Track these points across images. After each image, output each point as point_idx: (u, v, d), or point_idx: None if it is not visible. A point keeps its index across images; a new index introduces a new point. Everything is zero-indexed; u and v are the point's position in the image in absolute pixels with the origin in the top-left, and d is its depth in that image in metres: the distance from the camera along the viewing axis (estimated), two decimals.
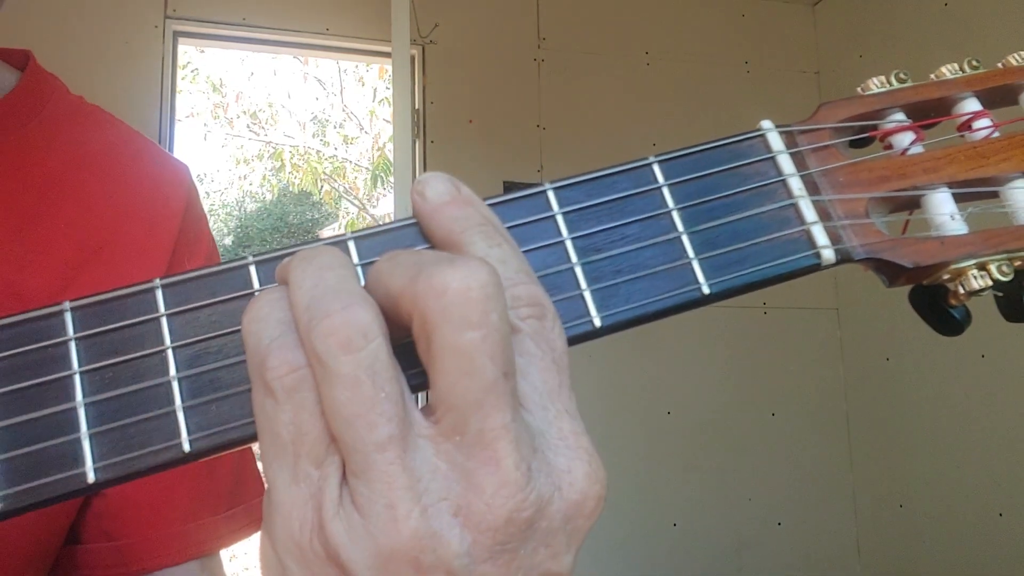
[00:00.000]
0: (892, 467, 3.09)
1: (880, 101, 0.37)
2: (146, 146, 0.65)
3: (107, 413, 0.29)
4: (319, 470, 0.25)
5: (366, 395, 0.24)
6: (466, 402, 0.25)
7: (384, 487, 0.24)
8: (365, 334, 0.25)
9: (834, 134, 0.36)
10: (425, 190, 0.30)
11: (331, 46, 3.32)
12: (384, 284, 0.27)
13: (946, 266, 0.34)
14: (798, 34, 3.59)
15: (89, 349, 0.29)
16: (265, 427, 0.26)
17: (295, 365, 0.25)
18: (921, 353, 2.93)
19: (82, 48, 2.87)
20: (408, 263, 0.27)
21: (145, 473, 0.29)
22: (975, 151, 0.35)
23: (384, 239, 0.31)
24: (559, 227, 0.32)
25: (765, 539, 3.16)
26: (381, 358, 0.25)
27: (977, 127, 0.36)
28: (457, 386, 0.25)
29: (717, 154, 0.34)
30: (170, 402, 0.29)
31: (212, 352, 0.30)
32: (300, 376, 0.25)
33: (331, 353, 0.24)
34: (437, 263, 0.26)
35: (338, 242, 0.31)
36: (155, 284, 0.30)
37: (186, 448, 0.29)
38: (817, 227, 0.34)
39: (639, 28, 3.43)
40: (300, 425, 0.25)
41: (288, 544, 0.25)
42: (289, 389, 0.25)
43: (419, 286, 0.25)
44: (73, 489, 0.28)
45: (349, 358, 0.24)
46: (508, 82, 3.27)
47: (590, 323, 0.31)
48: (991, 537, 2.63)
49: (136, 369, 0.29)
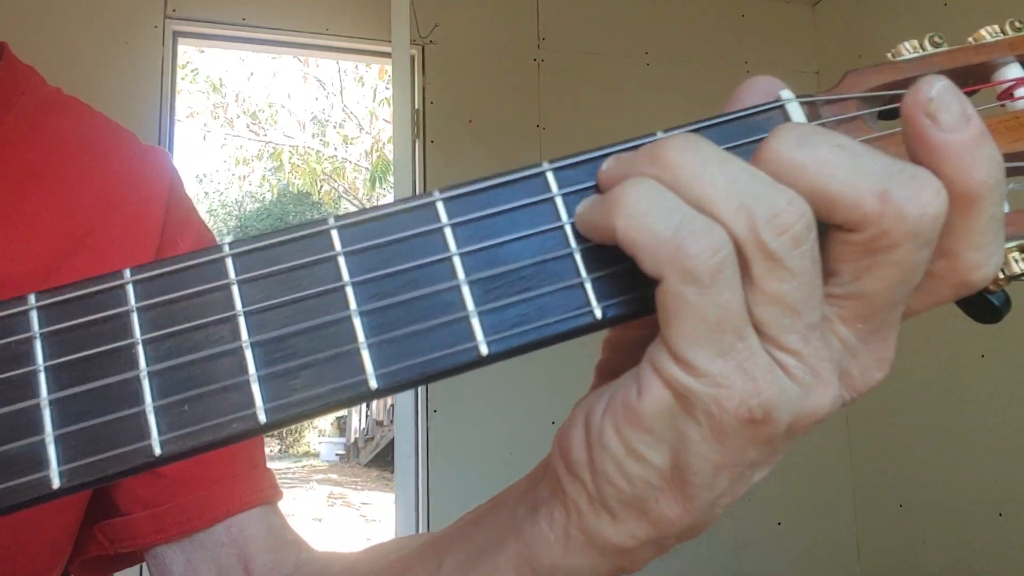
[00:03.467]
0: (892, 467, 3.09)
1: (913, 68, 0.34)
2: (125, 135, 0.65)
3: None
4: (743, 342, 0.27)
5: (810, 283, 0.27)
6: (890, 302, 0.28)
7: (817, 362, 0.27)
8: (809, 227, 0.26)
9: (862, 104, 0.33)
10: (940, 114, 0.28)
11: (331, 46, 3.32)
12: (813, 182, 0.27)
13: None
14: (798, 34, 3.59)
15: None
16: (685, 311, 0.26)
17: (718, 246, 0.26)
18: (921, 353, 2.93)
19: (82, 48, 2.87)
20: (859, 170, 0.27)
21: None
22: (1018, 121, 0.33)
23: None
24: (558, 211, 0.30)
25: (765, 539, 3.16)
26: (816, 251, 0.27)
27: (1019, 95, 0.34)
28: (893, 292, 0.27)
29: (733, 128, 0.32)
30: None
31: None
32: (724, 256, 0.26)
33: (784, 247, 0.26)
34: (910, 181, 0.26)
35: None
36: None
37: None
38: None
39: (639, 28, 3.43)
40: (726, 304, 0.26)
41: (711, 408, 0.27)
42: (715, 271, 0.26)
43: (891, 205, 0.26)
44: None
45: (799, 251, 0.26)
46: (508, 82, 3.26)
47: (591, 314, 0.29)
48: (991, 537, 2.62)
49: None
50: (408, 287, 0.29)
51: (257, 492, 0.60)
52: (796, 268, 0.26)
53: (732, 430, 0.27)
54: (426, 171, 3.09)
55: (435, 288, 0.29)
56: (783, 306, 0.26)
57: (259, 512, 0.60)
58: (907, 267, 0.27)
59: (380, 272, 0.29)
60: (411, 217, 0.30)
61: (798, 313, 0.27)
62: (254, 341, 0.28)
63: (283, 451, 17.46)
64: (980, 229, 0.28)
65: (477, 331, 0.28)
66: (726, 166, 0.27)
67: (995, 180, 0.28)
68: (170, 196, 0.63)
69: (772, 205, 0.26)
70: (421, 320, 0.29)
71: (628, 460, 0.29)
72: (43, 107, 0.61)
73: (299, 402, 0.28)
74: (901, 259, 0.27)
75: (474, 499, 0.39)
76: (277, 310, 0.29)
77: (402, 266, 0.29)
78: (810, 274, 0.26)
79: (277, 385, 0.28)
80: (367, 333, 0.28)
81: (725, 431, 0.27)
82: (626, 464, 0.29)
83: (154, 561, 0.60)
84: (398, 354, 0.28)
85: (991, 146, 0.28)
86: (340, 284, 0.29)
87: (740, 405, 0.27)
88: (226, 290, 0.29)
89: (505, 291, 0.29)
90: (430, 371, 0.28)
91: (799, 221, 0.26)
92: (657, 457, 0.28)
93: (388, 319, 0.28)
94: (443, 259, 0.29)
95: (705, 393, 0.27)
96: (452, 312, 0.29)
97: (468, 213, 0.30)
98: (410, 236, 0.29)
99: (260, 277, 0.29)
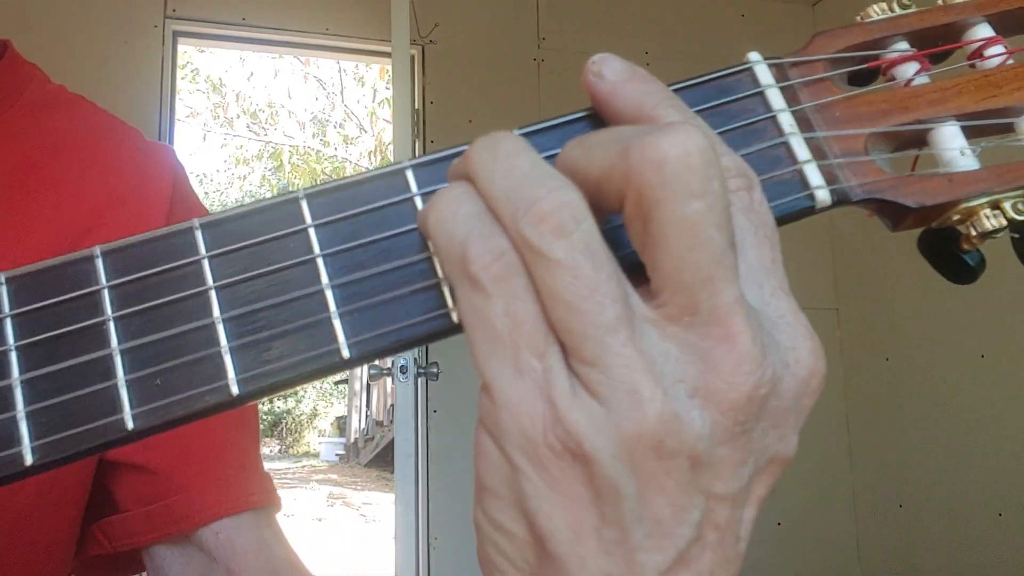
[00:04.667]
0: (892, 467, 3.09)
1: (881, 28, 0.33)
2: (128, 132, 0.65)
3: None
4: (541, 361, 0.24)
5: (588, 276, 0.23)
6: (696, 278, 0.24)
7: (624, 371, 0.23)
8: (575, 216, 0.24)
9: (830, 66, 0.33)
10: (603, 69, 0.28)
11: (331, 46, 3.32)
12: (582, 169, 0.25)
13: (955, 205, 0.31)
14: (798, 34, 3.59)
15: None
16: (476, 324, 0.25)
17: (499, 251, 0.24)
18: (921, 353, 2.93)
19: (82, 48, 2.87)
20: (608, 141, 0.25)
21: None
22: (987, 80, 0.32)
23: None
24: None
25: (765, 539, 3.16)
26: (595, 237, 0.24)
27: (989, 54, 0.33)
28: (686, 262, 0.24)
29: (702, 91, 0.32)
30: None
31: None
32: (507, 262, 0.24)
33: (545, 239, 0.23)
34: (647, 133, 0.24)
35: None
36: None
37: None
38: (811, 166, 0.30)
39: (639, 28, 3.43)
40: (515, 314, 0.24)
41: (519, 441, 0.24)
42: (497, 277, 0.24)
43: (632, 160, 0.24)
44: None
45: (564, 242, 0.23)
46: (508, 82, 3.27)
47: None
48: (991, 537, 2.62)
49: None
50: (379, 257, 0.29)
51: (247, 495, 0.59)
52: (565, 260, 0.23)
53: (557, 471, 0.23)
54: None
55: (406, 259, 0.29)
56: (564, 306, 0.23)
57: (250, 520, 0.59)
58: (686, 225, 0.23)
59: (351, 244, 0.29)
60: (381, 186, 0.30)
61: (583, 313, 0.23)
62: (225, 316, 0.28)
63: (283, 451, 17.48)
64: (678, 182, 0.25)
65: (448, 299, 0.28)
66: (511, 162, 0.25)
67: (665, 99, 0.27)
68: (174, 192, 0.63)
69: (531, 196, 0.24)
70: (392, 289, 0.29)
71: (497, 536, 0.25)
72: (46, 104, 0.61)
73: (271, 372, 0.28)
74: (672, 216, 0.23)
75: None
76: (248, 283, 0.29)
77: (373, 237, 0.29)
78: (585, 267, 0.23)
79: (249, 356, 0.28)
80: (338, 303, 0.28)
81: (550, 473, 0.24)
82: (500, 543, 0.25)
83: (151, 564, 0.60)
84: (370, 323, 0.28)
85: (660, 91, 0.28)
86: (312, 256, 0.29)
87: (546, 436, 0.23)
88: (196, 264, 0.29)
89: None
90: (403, 339, 0.28)
91: (560, 209, 0.24)
92: (516, 526, 0.25)
93: (360, 289, 0.29)
94: (413, 229, 0.29)
95: (509, 425, 0.24)
96: (423, 280, 0.29)
97: (439, 183, 0.30)
98: (381, 207, 0.30)
99: (230, 251, 0.29)
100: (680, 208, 0.23)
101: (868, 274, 3.20)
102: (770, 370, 0.24)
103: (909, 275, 2.85)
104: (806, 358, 0.25)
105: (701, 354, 0.24)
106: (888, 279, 3.06)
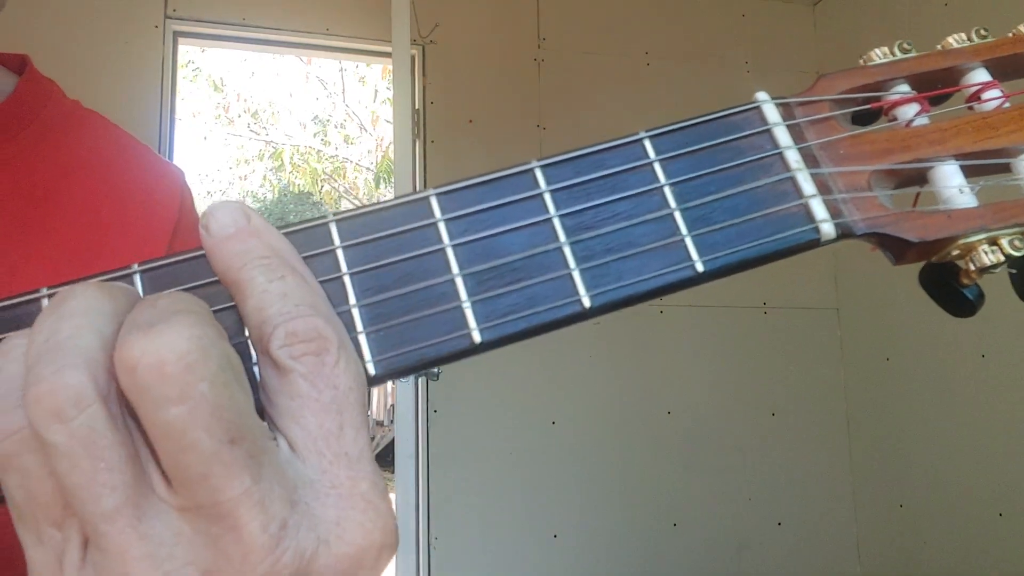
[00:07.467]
0: (892, 467, 3.09)
1: (883, 72, 0.35)
2: (140, 153, 0.66)
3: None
4: (61, 532, 0.24)
5: (84, 467, 0.23)
6: (190, 477, 0.23)
7: (118, 557, 0.23)
8: (76, 402, 0.23)
9: (834, 106, 0.34)
10: (209, 223, 0.28)
11: (331, 46, 3.32)
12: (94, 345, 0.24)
13: (954, 241, 0.32)
14: (798, 34, 3.59)
15: None
16: (4, 492, 0.25)
17: (10, 430, 0.24)
18: (921, 353, 2.93)
19: (82, 49, 2.87)
20: (129, 322, 0.24)
21: None
22: (984, 122, 0.34)
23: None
24: (547, 205, 0.31)
25: (765, 539, 3.16)
26: (98, 426, 0.23)
27: (987, 98, 0.34)
28: (177, 462, 0.23)
29: (710, 127, 0.33)
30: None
31: None
32: (18, 440, 0.24)
33: (42, 423, 0.23)
34: (133, 331, 0.24)
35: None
36: None
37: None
38: (816, 200, 0.32)
39: (639, 28, 3.43)
40: (29, 490, 0.24)
41: None
42: (8, 455, 0.24)
43: (114, 357, 0.23)
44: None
45: (61, 427, 0.23)
46: (508, 82, 3.27)
47: (579, 303, 0.30)
48: (991, 537, 2.62)
49: None
50: (404, 280, 0.30)
51: None
52: (62, 447, 0.23)
53: None
54: (426, 171, 3.10)
55: (431, 281, 0.30)
56: (67, 489, 0.23)
57: None
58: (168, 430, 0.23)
59: (376, 264, 0.30)
60: (406, 212, 0.31)
61: (81, 500, 0.23)
62: None
63: None
64: None
65: (470, 319, 0.30)
66: (56, 326, 0.24)
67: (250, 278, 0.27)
68: (179, 218, 0.64)
69: (39, 374, 0.23)
70: (416, 310, 0.30)
71: None
72: (63, 124, 0.63)
73: None
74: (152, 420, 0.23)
75: (474, 499, 0.39)
76: None
77: (397, 257, 0.30)
78: (82, 456, 0.23)
79: None
80: (364, 323, 0.30)
81: None
82: None
83: None
84: (394, 342, 0.29)
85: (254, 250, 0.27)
86: (339, 275, 0.30)
87: None
88: None
89: (497, 282, 0.30)
90: (427, 358, 0.29)
91: (56, 394, 0.23)
92: None
93: (384, 310, 0.30)
94: (436, 250, 0.30)
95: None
96: (447, 302, 0.30)
97: (461, 208, 0.31)
98: (406, 231, 0.31)
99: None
100: (158, 414, 0.23)
101: (868, 274, 3.19)
102: (289, 553, 0.24)
103: (909, 275, 2.85)
104: (351, 533, 0.25)
105: (214, 540, 0.24)
106: (888, 279, 3.06)
